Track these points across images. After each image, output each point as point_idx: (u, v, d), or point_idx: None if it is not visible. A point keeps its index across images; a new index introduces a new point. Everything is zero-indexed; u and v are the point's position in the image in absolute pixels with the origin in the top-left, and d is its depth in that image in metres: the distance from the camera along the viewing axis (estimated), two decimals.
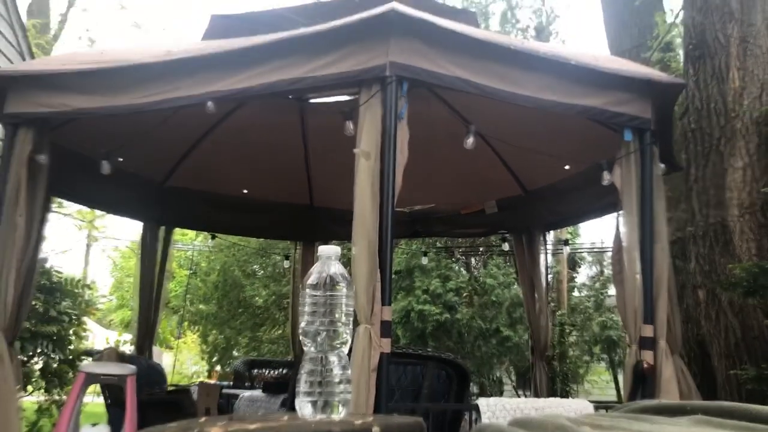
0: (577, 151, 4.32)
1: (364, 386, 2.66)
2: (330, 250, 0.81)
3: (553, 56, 3.30)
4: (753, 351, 4.18)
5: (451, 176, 5.58)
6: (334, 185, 5.56)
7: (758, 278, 3.68)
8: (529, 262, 5.38)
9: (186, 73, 3.27)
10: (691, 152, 4.73)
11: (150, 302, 5.57)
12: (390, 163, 2.89)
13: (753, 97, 4.45)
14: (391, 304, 2.83)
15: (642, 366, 3.21)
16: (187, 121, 4.22)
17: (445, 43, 3.07)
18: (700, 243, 4.53)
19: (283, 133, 5.34)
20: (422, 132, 3.71)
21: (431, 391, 3.34)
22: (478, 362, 11.09)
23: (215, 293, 14.31)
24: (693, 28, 4.81)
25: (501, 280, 11.34)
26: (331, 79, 3.05)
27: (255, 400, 4.88)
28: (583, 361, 13.11)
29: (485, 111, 4.10)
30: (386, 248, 2.82)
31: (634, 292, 3.32)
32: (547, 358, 5.69)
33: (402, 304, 10.85)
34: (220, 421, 0.87)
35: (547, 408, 2.69)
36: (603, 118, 3.45)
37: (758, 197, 4.28)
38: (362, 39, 3.02)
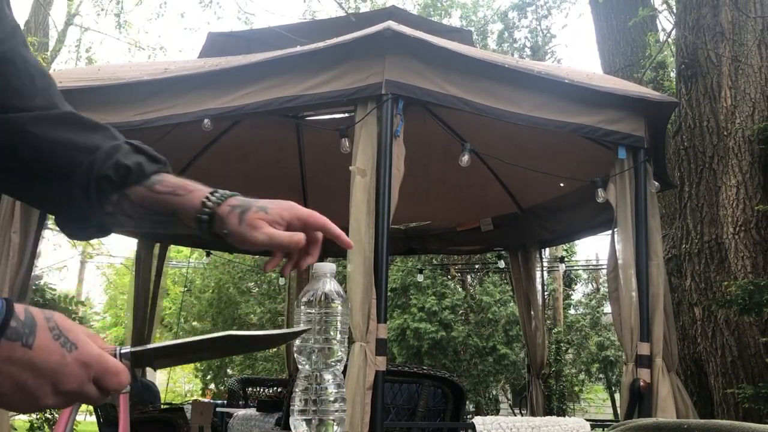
0: (572, 168, 4.34)
1: (359, 404, 2.64)
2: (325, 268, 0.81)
3: (548, 75, 3.33)
4: (749, 369, 4.17)
5: (446, 193, 5.59)
6: (329, 202, 5.56)
7: (754, 295, 3.68)
8: (524, 280, 5.38)
9: (183, 90, 3.29)
10: (685, 170, 4.76)
11: (144, 319, 5.54)
12: (385, 180, 2.89)
13: (745, 115, 4.49)
14: (386, 322, 2.82)
15: (638, 384, 3.20)
16: (183, 138, 4.22)
17: (441, 61, 3.10)
18: (696, 260, 4.54)
19: (279, 151, 5.36)
20: (418, 149, 3.73)
21: (427, 410, 3.31)
22: (474, 380, 11.03)
23: (210, 310, 14.23)
24: (685, 47, 4.87)
25: (497, 297, 11.32)
26: (327, 97, 3.06)
27: (249, 418, 4.83)
28: (579, 379, 13.05)
29: (480, 129, 4.12)
30: (382, 265, 2.82)
31: (630, 309, 3.32)
32: (544, 376, 5.66)
33: (398, 321, 10.81)
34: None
35: (543, 427, 2.67)
36: (597, 136, 3.48)
37: (752, 215, 4.30)
38: (358, 57, 3.04)
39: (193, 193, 0.82)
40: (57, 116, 0.81)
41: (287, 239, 0.79)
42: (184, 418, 4.36)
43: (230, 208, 0.81)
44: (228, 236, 0.81)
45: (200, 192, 0.82)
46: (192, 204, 0.81)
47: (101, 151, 0.81)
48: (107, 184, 0.80)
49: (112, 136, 0.85)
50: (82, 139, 0.81)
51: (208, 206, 0.81)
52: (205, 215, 0.80)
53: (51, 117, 0.80)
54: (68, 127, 0.81)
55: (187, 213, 0.81)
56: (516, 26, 14.23)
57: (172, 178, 0.84)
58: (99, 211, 0.82)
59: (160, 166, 0.85)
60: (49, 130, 0.79)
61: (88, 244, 16.64)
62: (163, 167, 0.86)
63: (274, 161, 5.43)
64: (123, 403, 3.40)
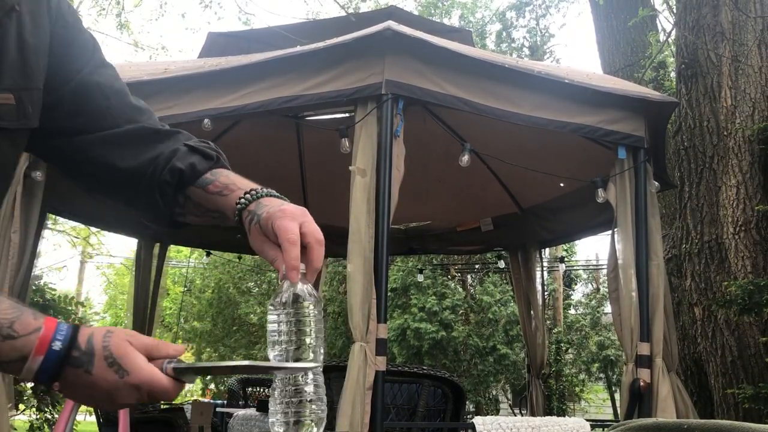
0: (572, 168, 4.34)
1: (359, 404, 2.64)
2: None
3: (548, 75, 3.33)
4: (749, 369, 4.17)
5: (446, 193, 5.59)
6: (329, 202, 5.56)
7: (753, 296, 3.68)
8: (524, 280, 5.38)
9: (183, 90, 3.28)
10: (685, 170, 4.76)
11: (144, 320, 5.54)
12: (386, 180, 2.89)
13: (745, 115, 4.49)
14: (386, 322, 2.82)
15: (638, 384, 3.20)
16: None
17: (441, 61, 3.09)
18: (696, 260, 4.54)
19: (280, 151, 5.36)
20: (418, 149, 3.73)
21: (427, 410, 3.31)
22: (474, 380, 11.03)
23: (210, 310, 14.23)
24: (685, 47, 4.87)
25: (497, 297, 11.32)
26: (327, 97, 3.06)
27: (249, 418, 4.83)
28: (579, 379, 13.05)
29: (480, 129, 4.12)
30: (382, 265, 2.82)
31: (630, 309, 3.32)
32: (544, 376, 5.66)
33: (398, 321, 10.81)
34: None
35: (543, 427, 2.67)
36: (597, 136, 3.48)
37: (752, 215, 4.30)
38: (358, 57, 3.04)
39: (234, 193, 0.87)
40: (122, 135, 0.91)
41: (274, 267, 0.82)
42: (184, 418, 4.36)
43: (248, 213, 0.85)
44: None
45: (238, 192, 0.87)
46: (230, 206, 0.87)
47: (161, 159, 0.90)
48: (168, 188, 0.90)
49: (175, 140, 0.93)
50: (144, 151, 0.91)
51: (238, 209, 0.86)
52: (236, 218, 0.86)
53: (117, 136, 0.90)
54: (133, 143, 0.91)
55: (228, 214, 0.87)
56: (514, 26, 14.23)
57: (224, 177, 0.90)
58: (167, 212, 0.92)
59: (212, 162, 0.91)
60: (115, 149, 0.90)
61: (87, 244, 16.64)
62: (216, 163, 0.92)
63: (274, 161, 5.42)
64: None
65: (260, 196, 0.86)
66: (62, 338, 0.69)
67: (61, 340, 0.69)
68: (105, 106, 0.90)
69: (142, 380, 0.70)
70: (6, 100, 0.82)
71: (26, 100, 0.84)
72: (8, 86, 0.82)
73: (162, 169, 0.90)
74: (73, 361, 0.69)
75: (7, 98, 0.82)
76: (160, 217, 0.94)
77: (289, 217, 0.81)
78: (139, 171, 0.90)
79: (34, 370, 0.69)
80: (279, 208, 0.83)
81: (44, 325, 0.70)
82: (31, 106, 0.85)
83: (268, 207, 0.84)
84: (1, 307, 0.70)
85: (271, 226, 0.81)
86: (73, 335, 0.70)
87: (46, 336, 0.69)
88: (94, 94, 0.90)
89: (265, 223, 0.82)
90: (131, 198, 0.94)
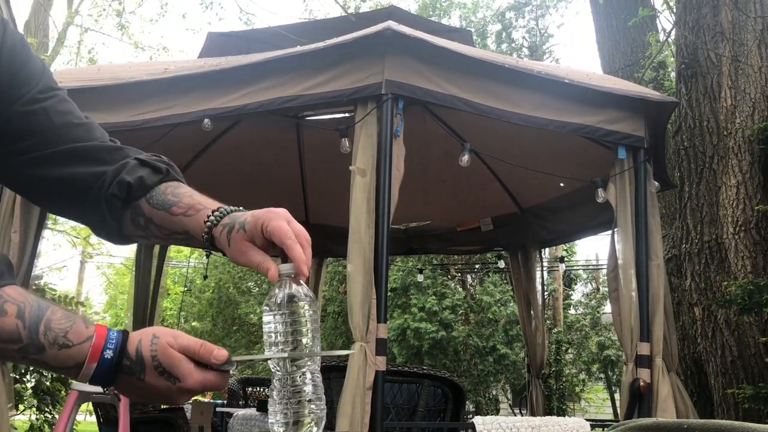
0: (572, 168, 4.34)
1: (359, 404, 2.64)
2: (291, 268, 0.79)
3: (548, 75, 3.33)
4: (749, 369, 4.17)
5: (446, 193, 5.59)
6: (329, 202, 5.56)
7: (753, 295, 3.68)
8: (524, 279, 5.38)
9: (182, 90, 3.28)
10: (685, 170, 4.76)
11: (144, 319, 5.53)
12: (386, 180, 2.89)
13: (745, 115, 4.49)
14: (386, 322, 2.82)
15: (638, 384, 3.20)
16: (183, 138, 4.22)
17: (441, 61, 3.09)
18: (696, 260, 4.54)
19: (280, 150, 5.36)
20: (417, 149, 3.73)
21: (427, 410, 3.31)
22: (474, 380, 11.03)
23: (210, 310, 14.23)
24: (685, 47, 4.87)
25: (497, 297, 11.32)
26: (327, 96, 3.06)
27: (249, 418, 4.83)
28: (579, 379, 13.06)
29: (480, 129, 4.12)
30: (382, 265, 2.82)
31: (630, 309, 3.32)
32: (544, 376, 5.66)
33: (398, 321, 10.81)
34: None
35: (543, 427, 2.67)
36: (597, 136, 3.48)
37: (752, 215, 4.30)
38: (358, 57, 3.04)
39: (200, 212, 0.88)
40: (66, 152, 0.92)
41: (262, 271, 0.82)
42: (184, 417, 4.36)
43: (222, 227, 0.85)
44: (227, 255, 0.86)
45: (204, 212, 0.88)
46: (198, 224, 0.88)
47: (108, 173, 0.91)
48: (116, 201, 0.91)
49: (124, 154, 0.94)
50: (89, 166, 0.92)
51: (208, 226, 0.86)
52: (206, 235, 0.86)
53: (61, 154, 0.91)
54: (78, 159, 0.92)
55: (196, 233, 0.88)
56: (513, 26, 14.23)
57: (187, 198, 0.91)
58: (115, 225, 0.93)
59: (161, 175, 0.92)
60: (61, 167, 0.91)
61: (88, 244, 16.64)
62: (165, 176, 0.93)
63: (274, 161, 5.42)
64: (123, 403, 3.40)
65: (229, 212, 0.87)
66: (113, 347, 0.74)
67: (111, 348, 0.74)
68: (48, 126, 0.91)
69: (193, 385, 0.75)
70: None
71: None
72: None
73: (110, 183, 0.91)
74: (125, 369, 0.74)
75: None
76: (111, 233, 0.95)
77: (282, 218, 0.81)
78: (84, 186, 0.91)
79: (89, 376, 0.74)
80: (265, 211, 0.83)
81: (95, 333, 0.74)
82: None
83: (248, 214, 0.85)
84: (54, 317, 0.74)
85: (262, 228, 0.81)
86: (123, 344, 0.74)
87: (98, 344, 0.74)
88: (40, 118, 0.91)
89: (253, 227, 0.82)
90: (80, 213, 0.95)
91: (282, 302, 0.78)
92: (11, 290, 0.74)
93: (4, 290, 0.73)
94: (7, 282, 0.74)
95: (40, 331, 0.72)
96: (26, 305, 0.73)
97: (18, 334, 0.72)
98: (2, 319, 0.72)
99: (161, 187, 0.92)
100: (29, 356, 0.73)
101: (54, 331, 0.73)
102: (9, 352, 0.73)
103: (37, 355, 0.73)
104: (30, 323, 0.72)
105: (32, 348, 0.72)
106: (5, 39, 0.89)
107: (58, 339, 0.73)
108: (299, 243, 0.81)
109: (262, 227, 0.81)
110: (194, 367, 0.75)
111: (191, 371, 0.75)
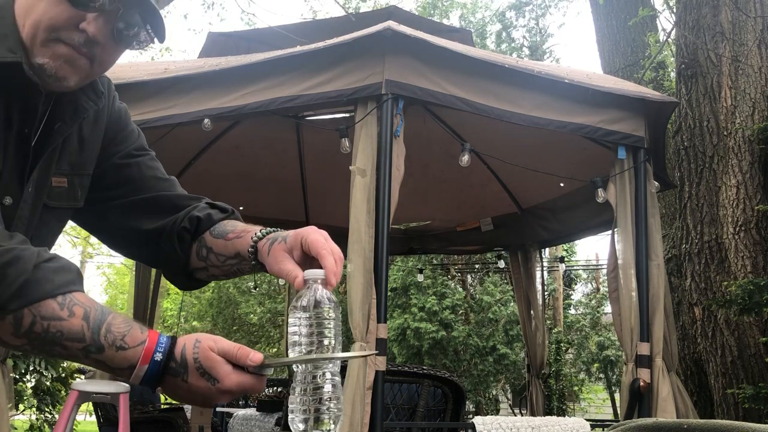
0: (572, 168, 4.34)
1: (359, 404, 2.64)
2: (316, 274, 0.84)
3: (548, 75, 3.33)
4: (749, 369, 4.17)
5: (446, 193, 5.59)
6: (329, 202, 5.56)
7: (753, 295, 3.68)
8: (524, 279, 5.38)
9: (183, 90, 3.28)
10: (685, 170, 4.76)
11: (144, 319, 5.54)
12: (386, 180, 2.89)
13: (745, 115, 4.49)
14: (386, 322, 2.82)
15: (638, 384, 3.20)
16: (183, 138, 4.22)
17: (441, 61, 3.09)
18: (696, 260, 4.54)
19: (280, 151, 5.36)
20: (418, 149, 3.73)
21: (427, 410, 3.31)
22: (474, 380, 11.03)
23: (210, 310, 14.23)
24: (685, 47, 4.87)
25: (497, 297, 11.31)
26: (327, 96, 3.06)
27: (249, 418, 4.83)
28: (579, 379, 13.05)
29: (480, 129, 4.12)
30: (382, 265, 2.82)
31: (630, 309, 3.32)
32: (544, 376, 5.67)
33: (398, 321, 10.81)
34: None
35: (543, 427, 2.67)
36: (597, 136, 3.48)
37: (752, 215, 4.30)
38: (358, 57, 3.04)
39: (249, 233, 0.99)
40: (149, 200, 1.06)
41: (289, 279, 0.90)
42: (184, 418, 4.36)
43: (266, 240, 0.96)
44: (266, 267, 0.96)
45: (253, 231, 0.99)
46: (247, 242, 0.98)
47: (181, 214, 1.06)
48: (186, 234, 1.03)
49: (196, 200, 1.09)
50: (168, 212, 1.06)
51: (254, 241, 0.97)
52: (251, 248, 0.97)
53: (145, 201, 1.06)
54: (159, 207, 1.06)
55: (244, 252, 0.98)
56: (514, 26, 14.23)
57: (242, 225, 1.03)
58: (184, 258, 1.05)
59: (227, 214, 1.06)
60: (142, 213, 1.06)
61: (88, 244, 16.64)
62: (231, 215, 1.07)
63: (274, 161, 5.42)
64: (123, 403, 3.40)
65: (276, 230, 0.98)
66: (162, 350, 0.81)
67: (161, 351, 0.81)
68: (139, 177, 1.07)
69: (232, 387, 0.81)
70: (60, 183, 1.00)
71: (77, 184, 1.02)
72: (65, 171, 1.00)
73: (182, 221, 1.04)
74: (171, 371, 0.81)
75: (61, 182, 1.00)
76: (180, 272, 1.07)
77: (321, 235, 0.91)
78: (161, 227, 1.05)
79: (140, 377, 0.81)
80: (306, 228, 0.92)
81: (148, 338, 0.81)
82: (80, 189, 1.03)
83: (291, 231, 0.95)
84: (115, 322, 0.82)
85: (301, 240, 0.90)
86: (171, 347, 0.81)
87: (150, 348, 0.81)
88: (133, 170, 1.08)
89: (294, 240, 0.91)
90: (152, 254, 1.08)
91: (308, 305, 0.82)
92: (80, 296, 0.82)
93: (74, 295, 0.82)
94: (77, 288, 0.83)
95: (102, 333, 0.81)
96: (91, 309, 0.82)
97: (83, 334, 0.80)
98: (70, 320, 0.80)
99: (223, 222, 1.05)
100: (90, 355, 0.81)
101: (114, 334, 0.81)
102: (73, 351, 0.81)
103: (97, 355, 0.81)
104: (93, 325, 0.81)
105: (93, 348, 0.80)
106: (114, 105, 1.09)
107: (117, 341, 0.81)
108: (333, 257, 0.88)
109: (302, 240, 0.90)
110: (232, 369, 0.81)
111: (229, 373, 0.81)
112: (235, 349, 0.81)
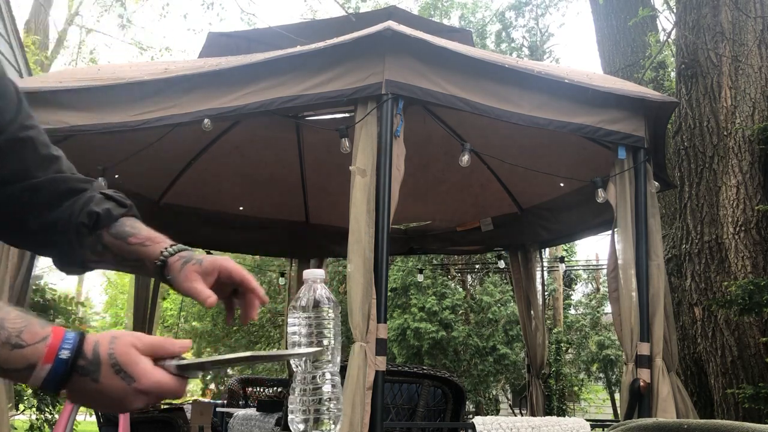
0: (572, 168, 4.34)
1: (359, 404, 2.64)
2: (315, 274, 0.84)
3: (548, 75, 3.33)
4: (749, 369, 4.17)
5: (446, 193, 5.59)
6: (329, 202, 5.56)
7: (754, 296, 3.68)
8: (524, 279, 5.38)
9: (183, 90, 3.28)
10: (685, 170, 4.76)
11: (144, 320, 5.54)
12: (386, 180, 2.89)
13: (745, 115, 4.49)
14: (386, 322, 2.82)
15: (638, 384, 3.20)
16: (183, 138, 4.23)
17: (441, 61, 3.09)
18: (696, 260, 4.54)
19: (280, 150, 5.36)
20: (418, 149, 3.73)
21: (427, 410, 3.31)
22: (474, 380, 11.02)
23: (210, 310, 14.22)
24: (685, 47, 4.86)
25: (497, 297, 11.31)
26: (327, 97, 3.06)
27: (249, 418, 4.83)
28: (579, 379, 13.05)
29: (480, 128, 4.12)
30: (382, 265, 2.82)
31: (630, 309, 3.32)
32: (544, 376, 5.67)
33: (398, 321, 10.81)
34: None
35: (543, 427, 2.67)
36: (597, 136, 3.48)
37: (752, 215, 4.30)
38: (358, 57, 3.04)
39: (158, 244, 1.01)
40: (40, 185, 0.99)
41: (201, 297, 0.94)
42: (184, 418, 4.36)
43: (178, 258, 0.98)
44: (171, 281, 0.98)
45: (162, 244, 1.01)
46: (154, 253, 1.00)
47: (77, 205, 1.00)
48: (84, 229, 0.99)
49: (91, 188, 1.04)
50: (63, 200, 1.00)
51: (164, 255, 0.99)
52: (159, 262, 0.98)
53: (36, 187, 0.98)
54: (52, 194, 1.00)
55: (150, 260, 1.00)
56: (513, 26, 14.22)
57: (145, 231, 1.03)
58: (80, 252, 1.01)
59: (125, 209, 1.04)
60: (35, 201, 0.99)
61: None
62: (129, 210, 1.05)
63: (274, 161, 5.43)
64: None
65: (182, 249, 1.00)
66: (69, 347, 0.71)
67: (68, 348, 0.71)
68: (32, 158, 0.98)
69: (149, 386, 0.73)
70: None
71: None
72: None
73: (78, 213, 0.99)
74: (80, 369, 0.72)
75: None
76: (74, 262, 1.03)
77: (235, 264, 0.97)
78: (55, 218, 0.99)
79: (42, 378, 0.71)
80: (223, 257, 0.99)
81: (52, 334, 0.72)
82: None
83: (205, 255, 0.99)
84: (9, 317, 0.71)
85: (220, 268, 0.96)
86: (79, 344, 0.72)
87: (54, 345, 0.71)
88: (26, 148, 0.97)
89: (210, 266, 0.96)
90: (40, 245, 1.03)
91: (308, 305, 0.83)
92: None
93: None
94: None
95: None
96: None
97: None
98: None
99: (122, 220, 1.02)
100: None
101: (7, 330, 0.70)
102: None
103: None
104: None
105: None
106: None
107: (11, 338, 0.70)
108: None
109: (220, 268, 0.95)
110: (153, 366, 0.74)
111: (148, 370, 0.73)
112: (160, 342, 0.76)
